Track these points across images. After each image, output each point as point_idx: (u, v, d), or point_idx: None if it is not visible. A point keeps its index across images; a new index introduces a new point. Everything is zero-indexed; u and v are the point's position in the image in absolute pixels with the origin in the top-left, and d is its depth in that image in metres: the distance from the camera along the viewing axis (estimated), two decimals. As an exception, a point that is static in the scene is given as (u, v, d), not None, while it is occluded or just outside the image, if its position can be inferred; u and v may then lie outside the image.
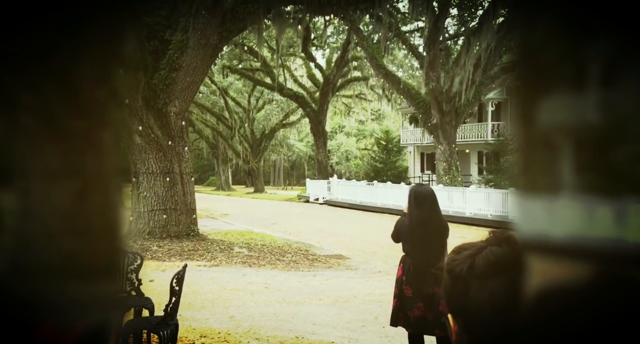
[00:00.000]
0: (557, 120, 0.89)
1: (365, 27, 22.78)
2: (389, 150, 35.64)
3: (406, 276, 3.77)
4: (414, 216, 3.77)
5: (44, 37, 0.95)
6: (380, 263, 10.21)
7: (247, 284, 8.00)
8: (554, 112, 0.91)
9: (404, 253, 3.90)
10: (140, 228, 11.20)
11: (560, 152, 0.88)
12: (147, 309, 4.82)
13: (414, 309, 3.70)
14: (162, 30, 11.39)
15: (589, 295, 0.79)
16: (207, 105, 34.74)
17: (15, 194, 0.90)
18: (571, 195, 0.83)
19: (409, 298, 3.72)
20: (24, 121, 0.90)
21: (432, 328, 3.69)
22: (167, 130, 11.22)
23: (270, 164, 52.06)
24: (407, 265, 3.79)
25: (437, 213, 3.82)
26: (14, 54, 0.89)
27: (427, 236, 3.72)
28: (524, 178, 0.88)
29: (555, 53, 0.98)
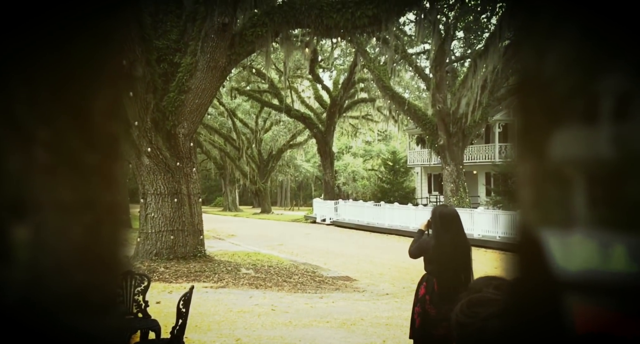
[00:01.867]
0: (569, 153, 0.90)
1: (372, 50, 23.04)
2: (395, 170, 35.62)
3: (430, 296, 3.79)
4: (440, 238, 3.83)
5: (58, 70, 0.98)
6: (388, 286, 10.11)
7: (254, 306, 7.94)
8: (565, 146, 0.91)
9: (427, 272, 3.92)
10: (147, 249, 11.20)
11: (573, 186, 0.89)
12: (153, 331, 4.80)
13: (438, 328, 3.71)
14: (172, 54, 11.58)
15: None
16: (215, 127, 35.02)
17: (28, 227, 0.91)
18: (585, 230, 0.83)
19: (434, 317, 3.75)
20: (37, 154, 0.92)
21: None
22: (175, 152, 11.31)
23: (277, 185, 52.12)
24: (431, 285, 3.81)
25: (462, 234, 3.89)
26: (28, 86, 0.91)
27: (454, 257, 3.77)
28: (536, 212, 0.88)
29: (566, 87, 1.00)
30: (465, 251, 3.85)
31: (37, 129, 0.92)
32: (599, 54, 0.98)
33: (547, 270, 0.82)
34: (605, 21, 0.99)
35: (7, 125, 0.86)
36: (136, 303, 5.09)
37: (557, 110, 0.98)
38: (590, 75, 1.02)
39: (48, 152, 0.90)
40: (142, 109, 10.70)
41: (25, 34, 0.92)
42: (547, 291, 0.82)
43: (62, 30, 0.94)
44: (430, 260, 3.92)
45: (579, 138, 0.94)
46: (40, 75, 0.96)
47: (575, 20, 1.02)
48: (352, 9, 10.97)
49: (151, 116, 10.84)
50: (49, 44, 0.94)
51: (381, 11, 10.91)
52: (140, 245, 11.34)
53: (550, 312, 0.81)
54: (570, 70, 1.02)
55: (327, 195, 29.56)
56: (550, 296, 0.83)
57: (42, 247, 0.89)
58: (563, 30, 1.00)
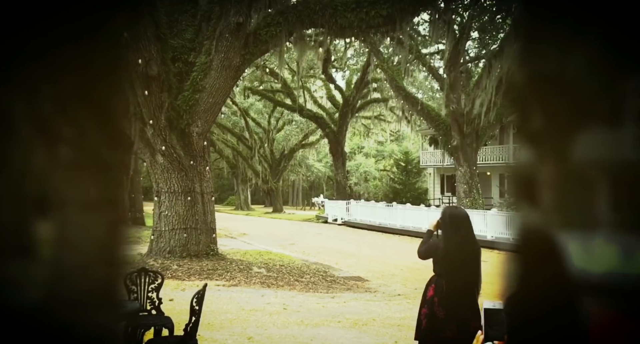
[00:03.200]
0: (592, 155, 0.90)
1: (386, 50, 22.98)
2: (408, 171, 35.48)
3: (438, 298, 3.76)
4: (450, 239, 3.81)
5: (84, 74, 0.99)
6: (400, 286, 10.08)
7: (266, 305, 7.97)
8: (588, 148, 0.91)
9: (435, 273, 3.89)
10: (161, 247, 11.29)
11: (596, 189, 0.88)
12: (166, 328, 4.84)
13: (446, 331, 3.69)
14: (187, 53, 11.66)
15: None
16: (228, 126, 35.20)
17: (52, 224, 0.92)
18: (608, 233, 0.83)
19: (442, 319, 3.72)
20: (62, 153, 0.93)
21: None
22: (189, 150, 11.39)
23: (289, 184, 52.20)
24: (440, 286, 3.78)
25: (472, 236, 3.86)
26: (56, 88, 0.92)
27: (463, 259, 3.74)
28: (559, 215, 0.88)
29: (591, 88, 0.99)
30: (474, 253, 3.81)
31: (62, 127, 0.93)
32: (624, 55, 0.97)
33: (563, 273, 0.82)
34: (627, 24, 0.98)
35: (32, 123, 0.87)
36: (150, 300, 5.14)
37: (579, 112, 0.98)
38: (614, 76, 1.01)
39: (71, 150, 0.91)
40: (156, 108, 10.79)
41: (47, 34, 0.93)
42: (562, 295, 0.82)
43: (81, 30, 0.94)
44: (438, 261, 3.89)
45: (602, 141, 0.93)
46: (62, 73, 0.97)
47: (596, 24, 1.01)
48: (367, 8, 10.94)
49: (166, 115, 10.93)
50: (69, 44, 0.95)
51: (395, 11, 10.87)
52: (154, 242, 11.44)
53: (565, 315, 0.81)
54: (593, 72, 1.02)
55: (339, 195, 29.55)
56: (565, 299, 0.82)
57: (65, 243, 0.90)
58: (585, 32, 1.00)
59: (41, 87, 0.85)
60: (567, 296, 0.77)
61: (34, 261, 0.88)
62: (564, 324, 0.76)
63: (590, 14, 0.96)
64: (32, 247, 0.87)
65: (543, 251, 0.80)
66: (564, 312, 0.77)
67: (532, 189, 0.86)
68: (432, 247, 3.95)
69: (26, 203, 0.84)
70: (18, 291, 0.80)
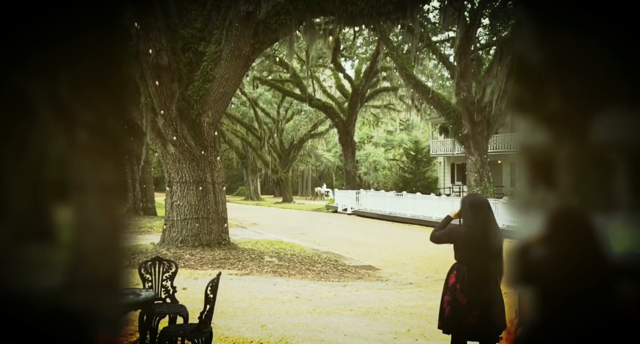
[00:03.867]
0: (612, 137, 0.90)
1: (395, 38, 22.79)
2: (418, 160, 35.35)
3: (460, 285, 3.77)
4: (470, 225, 3.81)
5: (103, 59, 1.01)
6: (411, 275, 10.11)
7: (278, 293, 8.04)
8: (607, 129, 0.91)
9: (457, 260, 3.91)
10: (173, 237, 11.40)
11: (615, 171, 0.88)
12: (181, 316, 4.90)
13: (469, 318, 3.70)
14: (197, 42, 11.67)
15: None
16: (237, 116, 35.23)
17: (71, 209, 0.94)
18: (627, 215, 0.83)
19: (464, 306, 3.73)
20: (80, 137, 0.95)
21: (488, 337, 3.71)
22: (200, 140, 11.44)
23: (299, 174, 52.26)
24: (462, 273, 3.79)
25: (493, 222, 3.86)
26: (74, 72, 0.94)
27: (485, 245, 3.74)
28: (577, 197, 0.88)
29: (609, 69, 0.98)
30: (496, 239, 3.80)
31: (79, 111, 0.95)
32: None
33: (599, 253, 0.82)
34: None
35: (51, 107, 0.89)
36: (164, 289, 5.21)
37: (598, 93, 0.97)
38: (633, 57, 1.00)
39: (90, 135, 0.93)
40: (167, 98, 10.84)
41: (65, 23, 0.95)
42: (599, 275, 0.82)
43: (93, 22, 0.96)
44: (460, 248, 3.89)
45: (621, 122, 0.93)
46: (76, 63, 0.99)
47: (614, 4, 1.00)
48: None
49: (176, 105, 10.97)
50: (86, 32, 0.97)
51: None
52: (167, 232, 11.55)
53: (602, 295, 0.81)
54: (612, 53, 1.01)
55: (349, 184, 29.55)
56: (602, 279, 0.83)
57: (84, 228, 0.92)
58: (603, 13, 0.99)
59: (58, 74, 0.87)
60: (604, 275, 0.78)
61: (53, 245, 0.90)
62: (601, 305, 0.77)
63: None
64: (50, 231, 0.89)
65: (578, 233, 0.81)
66: (601, 292, 0.77)
67: (549, 172, 0.86)
68: (452, 233, 3.95)
69: (44, 187, 0.86)
70: (38, 274, 0.82)
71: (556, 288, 0.78)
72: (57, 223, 0.87)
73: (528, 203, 0.95)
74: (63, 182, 0.86)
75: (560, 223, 0.81)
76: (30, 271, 0.81)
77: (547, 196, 0.92)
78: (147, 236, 14.34)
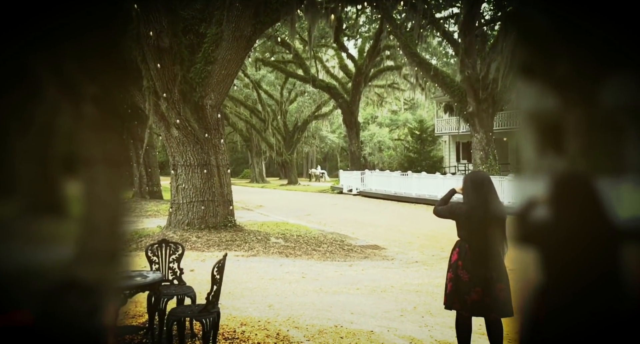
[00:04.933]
0: (621, 100, 0.86)
1: (398, 15, 22.46)
2: (423, 139, 35.22)
3: (462, 261, 3.80)
4: (471, 201, 3.82)
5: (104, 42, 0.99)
6: (417, 254, 10.15)
7: (285, 274, 8.10)
8: (617, 92, 0.88)
9: (459, 238, 3.93)
10: (179, 219, 11.47)
11: (624, 134, 0.85)
12: (189, 297, 4.95)
13: (471, 293, 3.73)
14: (198, 24, 11.54)
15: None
16: (240, 99, 35.09)
17: (79, 182, 0.94)
18: (636, 178, 0.80)
19: (466, 282, 3.76)
20: (83, 108, 0.94)
21: (489, 312, 3.75)
22: (203, 123, 11.41)
23: (303, 156, 52.25)
24: (464, 250, 3.82)
25: (495, 198, 3.86)
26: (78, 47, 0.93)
27: (486, 221, 3.75)
28: (586, 161, 0.86)
29: (616, 32, 0.95)
30: (498, 215, 3.81)
31: (87, 85, 0.94)
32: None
33: (602, 216, 0.80)
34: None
35: (57, 81, 0.88)
36: (172, 271, 5.25)
37: (607, 56, 0.94)
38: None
39: (96, 108, 0.92)
40: (169, 81, 10.77)
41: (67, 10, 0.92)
42: (603, 239, 0.80)
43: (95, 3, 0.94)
44: (462, 225, 3.91)
45: (631, 85, 0.90)
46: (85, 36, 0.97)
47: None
48: (378, -28, 10.66)
49: (179, 88, 10.91)
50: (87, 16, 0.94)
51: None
52: (173, 215, 11.61)
53: (606, 260, 0.80)
54: (622, 16, 0.97)
55: (354, 165, 29.52)
56: (606, 246, 0.81)
57: (93, 201, 0.92)
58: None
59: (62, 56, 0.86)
60: (607, 239, 0.76)
61: (63, 219, 0.90)
62: (604, 267, 0.75)
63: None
64: (59, 205, 0.89)
65: (581, 196, 0.79)
66: (604, 256, 0.76)
67: (558, 136, 0.84)
68: (454, 210, 3.96)
69: (53, 161, 0.85)
70: (49, 248, 0.82)
71: (558, 249, 0.76)
72: (65, 197, 0.88)
73: (536, 169, 0.92)
74: (71, 157, 0.87)
75: (562, 185, 0.78)
76: (41, 245, 0.83)
77: (556, 161, 0.89)
78: (153, 219, 14.44)
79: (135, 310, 5.34)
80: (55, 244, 0.89)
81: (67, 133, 0.94)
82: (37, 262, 0.85)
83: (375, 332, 4.93)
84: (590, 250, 0.76)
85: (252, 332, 4.93)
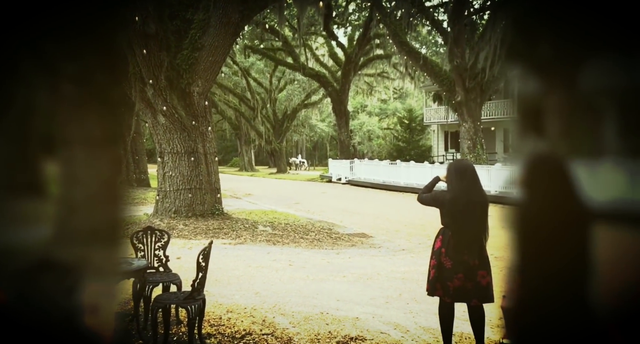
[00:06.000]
0: (601, 82, 0.86)
1: (388, 4, 22.34)
2: (412, 129, 35.30)
3: (445, 248, 3.84)
4: (455, 189, 3.85)
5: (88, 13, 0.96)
6: (404, 242, 10.21)
7: (272, 261, 8.10)
8: (597, 75, 0.87)
9: (443, 225, 3.96)
10: (166, 207, 11.40)
11: (604, 116, 0.84)
12: (175, 284, 4.93)
13: (454, 280, 3.78)
14: (184, 10, 11.37)
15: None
16: (229, 86, 34.82)
17: (58, 162, 0.92)
18: (615, 159, 0.80)
19: (449, 269, 3.80)
20: (64, 89, 0.92)
21: (471, 297, 3.81)
22: (190, 110, 11.30)
23: (293, 145, 52.14)
24: (446, 237, 3.85)
25: (478, 186, 3.89)
26: (58, 26, 0.90)
27: (469, 208, 3.79)
28: (566, 143, 0.85)
29: (598, 15, 0.93)
30: (480, 203, 3.84)
31: (64, 64, 0.91)
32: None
33: (574, 198, 0.80)
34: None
35: (34, 59, 0.86)
36: (157, 258, 5.22)
37: (589, 39, 0.93)
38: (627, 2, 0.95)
39: (75, 87, 0.90)
40: (156, 67, 10.63)
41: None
42: (574, 220, 0.80)
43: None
44: (446, 213, 3.94)
45: (612, 67, 0.89)
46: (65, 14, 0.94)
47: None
48: (368, -41, 10.56)
49: (165, 74, 10.77)
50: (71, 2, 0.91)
51: (398, -39, 10.49)
52: (159, 203, 11.54)
53: (576, 242, 0.79)
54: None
55: (343, 154, 29.53)
56: (577, 226, 0.81)
57: (72, 181, 0.89)
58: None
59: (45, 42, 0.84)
60: (579, 220, 0.75)
61: (42, 199, 0.88)
62: (576, 249, 0.75)
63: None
64: (39, 184, 0.87)
65: (553, 177, 0.78)
66: (575, 237, 0.75)
67: (538, 118, 0.83)
68: (438, 198, 4.00)
69: (32, 141, 0.83)
70: (27, 228, 0.81)
71: (532, 230, 0.76)
72: (45, 176, 0.86)
73: (519, 154, 0.91)
74: (50, 136, 0.86)
75: (534, 167, 0.78)
76: (18, 225, 0.82)
77: (537, 144, 0.89)
78: (140, 207, 14.34)
79: (121, 297, 5.31)
80: (33, 224, 0.87)
81: (47, 111, 0.92)
82: (14, 242, 0.83)
83: (361, 318, 4.96)
84: (562, 230, 0.75)
85: (238, 319, 4.94)
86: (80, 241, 0.92)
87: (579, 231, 0.75)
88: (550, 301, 0.74)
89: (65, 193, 0.92)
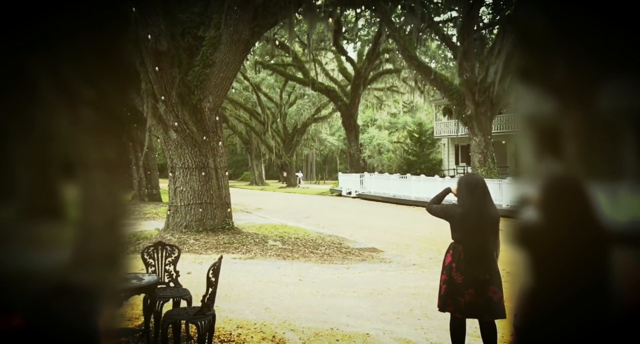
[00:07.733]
0: (619, 104, 0.85)
1: (397, 19, 22.49)
2: (422, 142, 35.23)
3: (456, 263, 3.80)
4: (466, 204, 3.83)
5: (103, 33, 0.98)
6: (415, 256, 10.12)
7: (282, 276, 8.06)
8: (615, 96, 0.86)
9: (454, 240, 3.92)
10: (177, 222, 11.43)
11: (622, 138, 0.83)
12: (185, 300, 4.92)
13: (465, 295, 3.74)
14: (196, 27, 11.53)
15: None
16: (240, 101, 35.10)
17: (78, 185, 0.93)
18: (634, 182, 0.79)
19: (460, 284, 3.76)
20: (81, 111, 0.93)
21: (482, 313, 3.75)
22: (201, 126, 11.39)
23: (303, 158, 52.25)
24: (458, 252, 3.81)
25: (489, 200, 3.87)
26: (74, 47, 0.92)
27: (479, 223, 3.76)
28: (584, 165, 0.84)
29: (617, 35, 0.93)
30: (492, 217, 3.81)
31: (80, 86, 0.93)
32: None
33: (592, 220, 0.78)
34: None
35: (54, 84, 0.87)
36: (167, 273, 5.22)
37: (605, 57, 0.92)
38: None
39: (93, 111, 0.91)
40: (168, 84, 10.76)
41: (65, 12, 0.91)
42: (592, 243, 0.79)
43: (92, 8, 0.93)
44: (456, 228, 3.91)
45: (630, 88, 0.88)
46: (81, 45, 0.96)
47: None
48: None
49: (177, 90, 10.90)
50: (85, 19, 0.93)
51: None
52: (170, 217, 11.58)
53: (594, 266, 0.78)
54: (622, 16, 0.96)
55: (353, 168, 29.51)
56: (595, 250, 0.79)
57: (91, 205, 0.90)
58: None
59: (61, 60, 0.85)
60: (597, 244, 0.74)
61: (61, 222, 0.89)
62: (594, 273, 0.74)
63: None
64: (57, 209, 0.87)
65: (571, 200, 0.77)
66: (593, 260, 0.74)
67: (555, 140, 0.82)
68: (448, 211, 3.97)
69: (51, 165, 0.84)
70: (44, 251, 0.81)
71: (547, 252, 0.75)
72: (63, 200, 0.87)
73: (534, 173, 0.90)
74: (69, 161, 0.87)
75: (553, 189, 0.77)
76: (37, 248, 0.82)
77: (553, 165, 0.88)
78: (152, 222, 14.40)
79: (131, 313, 5.31)
80: (52, 247, 0.88)
81: (65, 136, 0.93)
82: (33, 265, 0.83)
83: (371, 335, 4.90)
84: (579, 254, 0.74)
85: (248, 335, 4.90)
86: (94, 264, 0.92)
87: (597, 254, 0.74)
88: (565, 323, 0.73)
89: (80, 216, 0.92)
